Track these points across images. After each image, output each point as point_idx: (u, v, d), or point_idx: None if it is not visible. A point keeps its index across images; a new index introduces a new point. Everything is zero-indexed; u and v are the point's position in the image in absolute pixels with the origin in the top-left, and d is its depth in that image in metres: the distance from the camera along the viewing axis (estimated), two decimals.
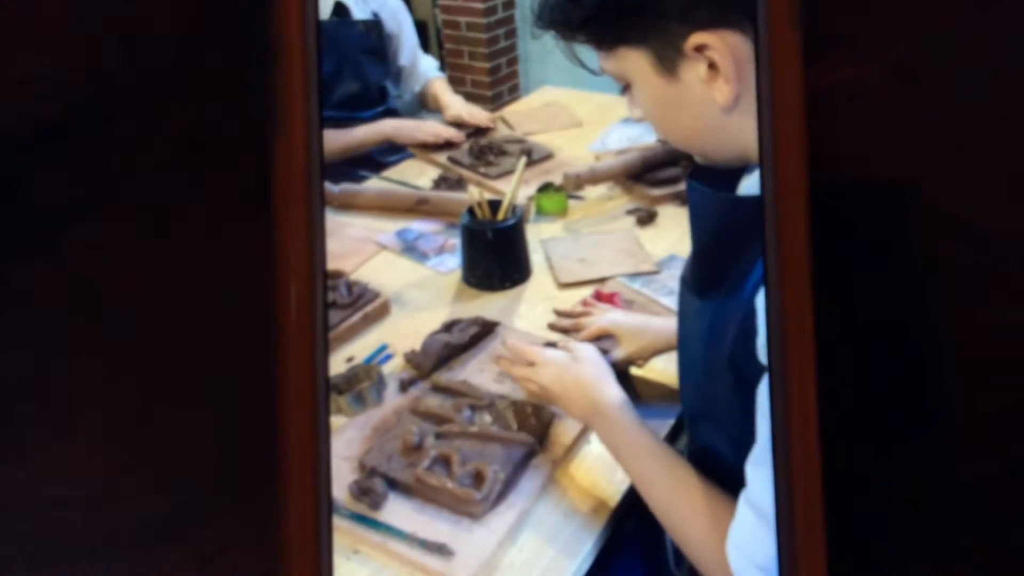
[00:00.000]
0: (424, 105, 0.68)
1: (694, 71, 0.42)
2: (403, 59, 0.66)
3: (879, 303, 0.47)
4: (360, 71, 0.65)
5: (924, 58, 0.48)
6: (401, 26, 0.66)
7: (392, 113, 0.66)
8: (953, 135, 0.47)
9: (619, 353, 0.50)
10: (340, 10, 0.64)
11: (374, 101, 0.65)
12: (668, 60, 0.43)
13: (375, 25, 0.65)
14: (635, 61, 0.44)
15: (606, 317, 0.52)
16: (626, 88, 0.45)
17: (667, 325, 0.50)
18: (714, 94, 0.42)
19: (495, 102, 0.68)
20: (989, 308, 0.47)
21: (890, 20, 0.48)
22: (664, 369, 0.50)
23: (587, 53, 0.47)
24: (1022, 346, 0.47)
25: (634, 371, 0.50)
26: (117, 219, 0.47)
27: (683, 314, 0.45)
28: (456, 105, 0.66)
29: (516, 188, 0.57)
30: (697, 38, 0.41)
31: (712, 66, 0.41)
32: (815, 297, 0.39)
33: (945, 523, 0.47)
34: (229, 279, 0.47)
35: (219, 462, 0.47)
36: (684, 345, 0.46)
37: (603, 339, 0.50)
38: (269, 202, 0.39)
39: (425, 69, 0.67)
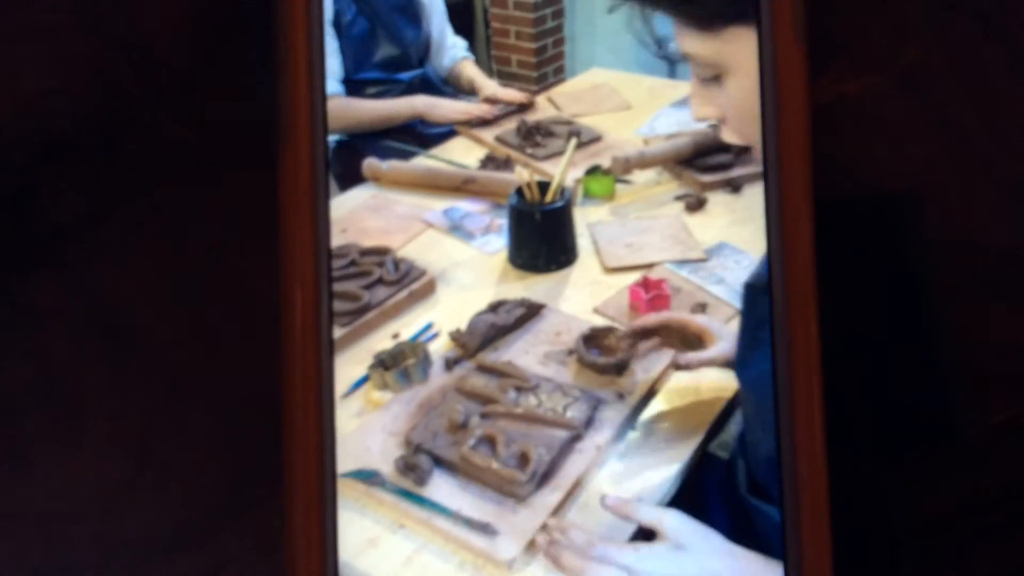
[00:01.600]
0: (456, 87, 0.68)
1: None
2: (433, 28, 0.66)
3: (883, 315, 0.47)
4: (395, 32, 0.64)
5: (929, 70, 0.48)
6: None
7: (427, 81, 0.66)
8: (958, 147, 0.48)
9: (713, 352, 0.48)
10: None
11: (411, 64, 0.65)
12: None
13: None
14: (742, 45, 0.42)
15: (679, 314, 0.50)
16: (713, 79, 0.43)
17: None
18: None
19: (540, 83, 0.68)
20: (992, 323, 0.47)
21: (895, 32, 0.48)
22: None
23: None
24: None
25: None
26: (125, 233, 0.48)
27: (750, 320, 0.44)
28: (491, 86, 0.66)
29: (565, 170, 0.57)
30: None
31: None
32: (819, 308, 0.39)
33: (952, 536, 0.47)
34: (235, 292, 0.48)
35: (226, 474, 0.48)
36: (754, 348, 0.45)
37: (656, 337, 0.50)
38: (275, 215, 0.40)
39: (453, 45, 0.67)
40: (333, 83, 0.62)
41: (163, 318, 0.48)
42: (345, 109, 0.62)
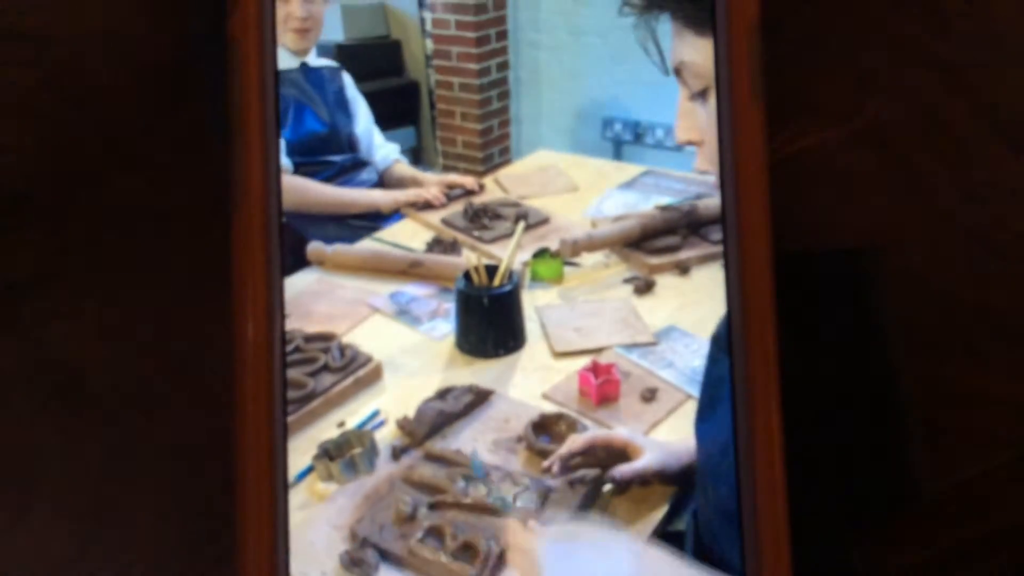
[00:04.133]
0: (397, 187, 0.67)
1: None
2: (359, 125, 0.66)
3: (846, 370, 0.47)
4: (327, 114, 0.64)
5: (890, 123, 0.48)
6: (357, 97, 0.65)
7: (358, 164, 0.65)
8: (920, 199, 0.48)
9: (643, 463, 0.47)
10: (302, 66, 0.64)
11: (343, 147, 0.65)
12: None
13: (337, 74, 0.64)
14: None
15: (615, 432, 0.49)
16: (700, 93, 0.43)
17: (682, 448, 0.47)
18: None
19: (486, 163, 0.68)
20: (958, 376, 0.47)
21: (856, 86, 0.48)
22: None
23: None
24: (991, 415, 0.47)
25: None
26: (79, 288, 0.47)
27: (714, 372, 0.44)
28: (433, 178, 0.66)
29: (513, 254, 0.56)
30: None
31: None
32: (781, 364, 0.39)
33: None
34: (190, 346, 0.47)
35: (180, 535, 0.47)
36: (711, 402, 0.44)
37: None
38: (229, 270, 0.40)
39: (382, 146, 0.66)
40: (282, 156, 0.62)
41: (118, 373, 0.47)
42: (302, 190, 0.61)
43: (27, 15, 0.47)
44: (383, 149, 0.66)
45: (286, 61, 0.63)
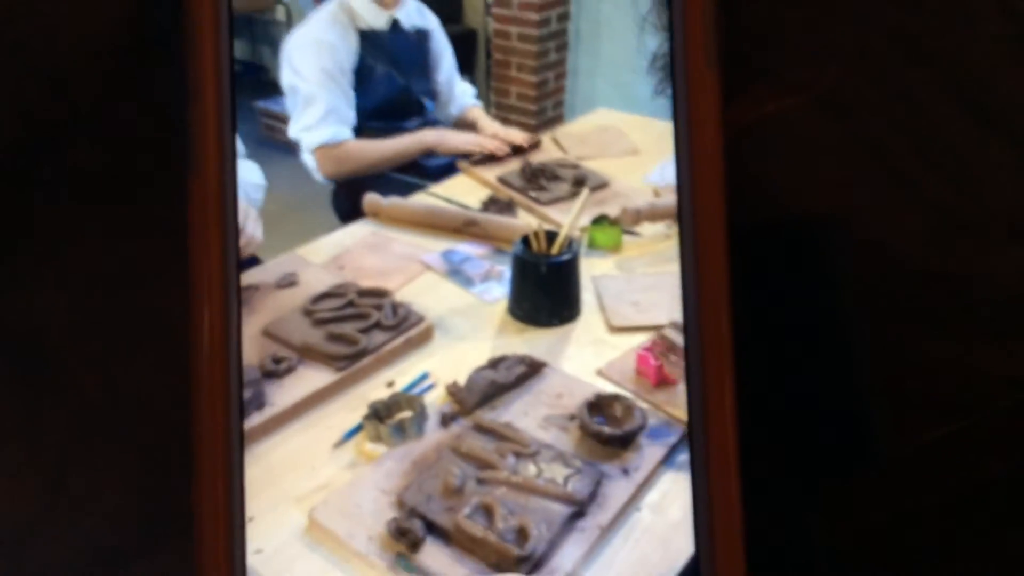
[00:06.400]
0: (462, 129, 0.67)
1: None
2: (441, 78, 0.65)
3: (805, 339, 0.47)
4: (407, 82, 0.64)
5: (850, 90, 0.48)
6: (443, 47, 0.64)
7: (431, 125, 0.65)
8: (880, 168, 0.48)
9: None
10: (392, 26, 0.63)
11: (415, 112, 0.64)
12: None
13: (425, 37, 0.63)
14: None
15: None
16: None
17: None
18: None
19: (539, 116, 0.67)
20: (918, 342, 0.48)
21: (815, 52, 0.48)
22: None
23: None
24: (950, 381, 0.47)
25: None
26: (37, 258, 0.47)
27: None
28: (494, 126, 0.65)
29: (575, 221, 0.55)
30: None
31: None
32: (740, 334, 0.40)
33: (872, 560, 0.47)
34: (149, 316, 0.47)
35: (141, 503, 0.47)
36: None
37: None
38: (185, 238, 0.40)
39: (461, 94, 0.66)
40: (345, 130, 0.61)
41: (76, 343, 0.47)
42: (358, 152, 0.61)
43: None
44: (461, 97, 0.65)
45: (377, 19, 0.62)
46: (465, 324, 0.55)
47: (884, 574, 0.47)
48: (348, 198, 0.60)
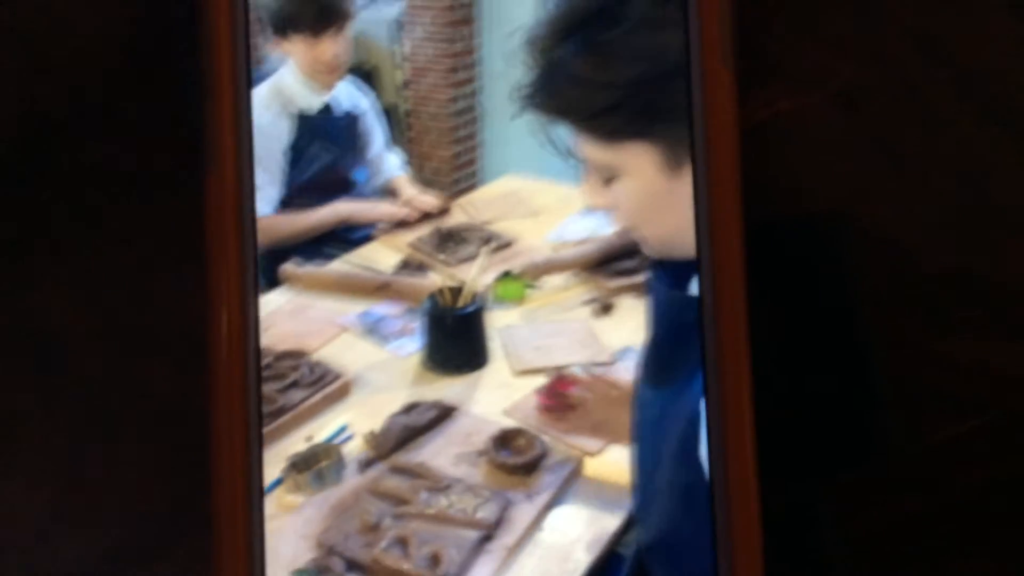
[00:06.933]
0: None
1: None
2: (371, 156, 0.68)
3: (821, 335, 0.48)
4: (338, 160, 0.67)
5: (865, 88, 0.48)
6: (373, 125, 0.68)
7: (360, 198, 0.68)
8: (894, 167, 0.48)
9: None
10: (325, 109, 0.66)
11: (344, 188, 0.67)
12: (679, 156, 0.42)
13: (355, 120, 0.67)
14: (639, 155, 0.43)
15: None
16: (608, 179, 0.45)
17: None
18: None
19: (455, 187, 0.70)
20: (933, 340, 0.48)
21: (830, 50, 0.48)
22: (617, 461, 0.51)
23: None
24: (960, 379, 0.47)
25: (588, 466, 0.51)
26: (50, 255, 0.48)
27: (638, 402, 0.47)
28: (411, 192, 0.68)
29: (478, 276, 0.58)
30: None
31: None
32: (756, 330, 0.40)
33: (884, 559, 0.47)
34: (164, 314, 0.47)
35: (157, 503, 0.47)
36: (637, 434, 0.47)
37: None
38: (203, 236, 0.40)
39: (388, 168, 0.69)
40: (265, 207, 0.63)
41: (91, 340, 0.48)
42: (274, 227, 0.63)
43: None
44: (388, 168, 0.68)
45: (311, 103, 0.65)
46: (382, 378, 0.57)
47: (900, 572, 0.47)
48: (267, 268, 0.63)
